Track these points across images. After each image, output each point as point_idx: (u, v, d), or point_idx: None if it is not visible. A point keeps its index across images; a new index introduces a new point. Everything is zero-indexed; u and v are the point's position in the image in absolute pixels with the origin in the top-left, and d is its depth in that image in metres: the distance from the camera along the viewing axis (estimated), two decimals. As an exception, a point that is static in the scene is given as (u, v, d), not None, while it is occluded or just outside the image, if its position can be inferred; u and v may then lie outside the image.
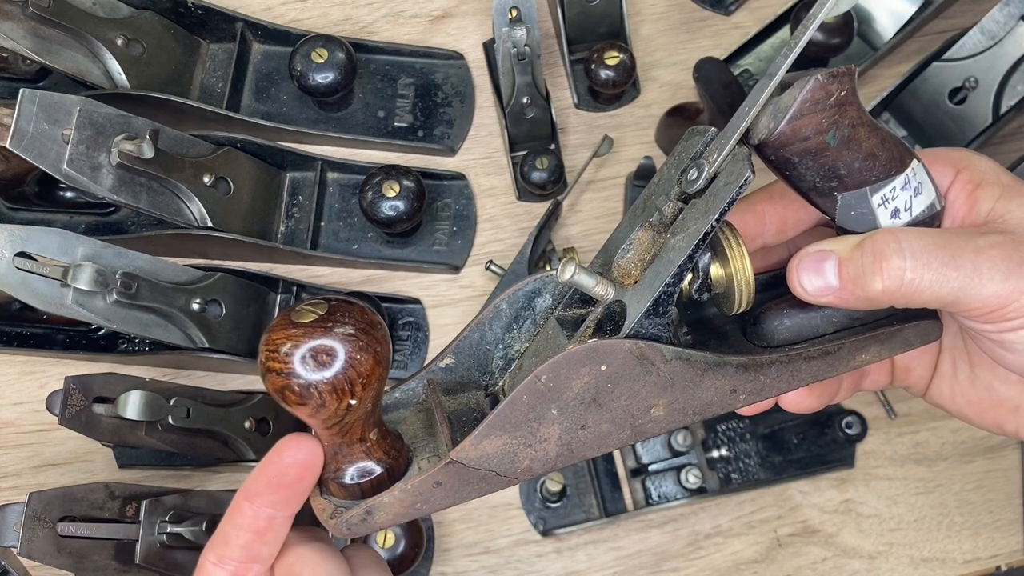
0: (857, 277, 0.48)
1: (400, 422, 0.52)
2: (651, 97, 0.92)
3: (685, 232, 0.47)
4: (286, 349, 0.40)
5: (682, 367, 0.49)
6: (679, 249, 0.47)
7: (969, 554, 0.83)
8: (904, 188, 0.49)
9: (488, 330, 0.53)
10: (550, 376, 0.47)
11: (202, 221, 0.79)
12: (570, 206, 0.89)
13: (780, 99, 0.46)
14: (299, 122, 0.89)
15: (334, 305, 0.42)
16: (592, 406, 0.49)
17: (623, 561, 0.82)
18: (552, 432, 0.49)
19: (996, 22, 0.81)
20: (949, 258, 0.46)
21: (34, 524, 0.65)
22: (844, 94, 0.45)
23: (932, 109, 0.84)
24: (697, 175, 0.47)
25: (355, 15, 0.95)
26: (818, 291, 0.49)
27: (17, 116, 0.69)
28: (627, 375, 0.48)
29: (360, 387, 0.42)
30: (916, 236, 0.47)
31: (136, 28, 0.84)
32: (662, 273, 0.47)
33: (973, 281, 0.46)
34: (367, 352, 0.41)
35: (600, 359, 0.47)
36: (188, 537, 0.68)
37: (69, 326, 0.84)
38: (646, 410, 0.50)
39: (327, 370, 0.41)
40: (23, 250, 0.69)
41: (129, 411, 0.68)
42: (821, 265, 0.49)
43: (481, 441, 0.47)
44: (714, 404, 0.51)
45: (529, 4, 0.80)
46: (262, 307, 0.84)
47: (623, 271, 0.49)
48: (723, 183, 0.46)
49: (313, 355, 0.40)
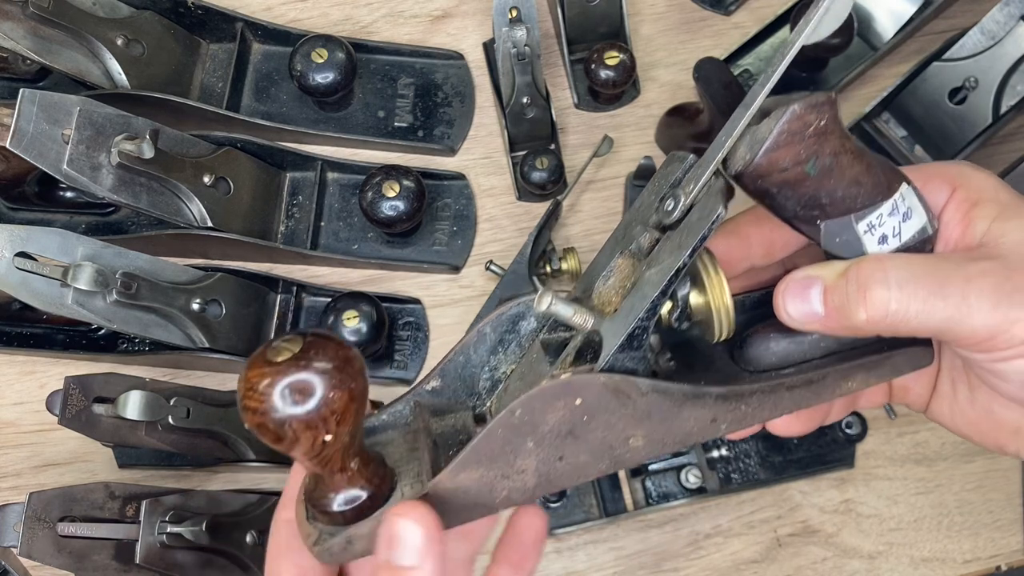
0: (842, 306, 0.47)
1: (387, 444, 0.52)
2: (651, 97, 0.92)
3: (659, 266, 0.46)
4: (262, 387, 0.40)
5: (659, 399, 0.48)
6: (652, 284, 0.46)
7: (969, 554, 0.83)
8: (892, 214, 0.48)
9: (473, 353, 0.52)
10: (524, 410, 0.46)
11: (202, 221, 0.79)
12: (570, 206, 0.89)
13: (757, 129, 0.45)
14: (299, 122, 0.89)
15: (309, 341, 0.42)
16: (569, 438, 0.48)
17: (623, 561, 0.82)
18: (529, 464, 0.48)
19: (996, 22, 0.81)
20: (937, 287, 0.45)
21: (34, 524, 0.66)
22: (823, 123, 0.44)
23: (932, 109, 0.84)
24: (673, 206, 0.47)
25: (355, 15, 0.95)
26: (804, 318, 0.48)
27: (17, 116, 0.69)
28: (603, 408, 0.47)
29: (335, 423, 0.42)
30: (903, 264, 0.46)
31: (136, 28, 0.84)
32: (636, 307, 0.46)
33: (961, 311, 0.45)
34: (342, 389, 0.42)
35: (574, 393, 0.46)
36: (188, 537, 0.68)
37: (69, 326, 0.84)
38: (624, 441, 0.49)
39: (301, 407, 0.41)
40: (23, 250, 0.69)
41: (129, 411, 0.68)
42: (807, 292, 0.48)
43: (458, 474, 0.47)
44: (695, 433, 0.51)
45: (529, 4, 0.80)
46: (262, 307, 0.84)
47: (603, 299, 0.49)
48: (697, 217, 0.45)
49: (288, 393, 0.41)
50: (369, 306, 0.79)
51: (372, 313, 0.79)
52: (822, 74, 0.91)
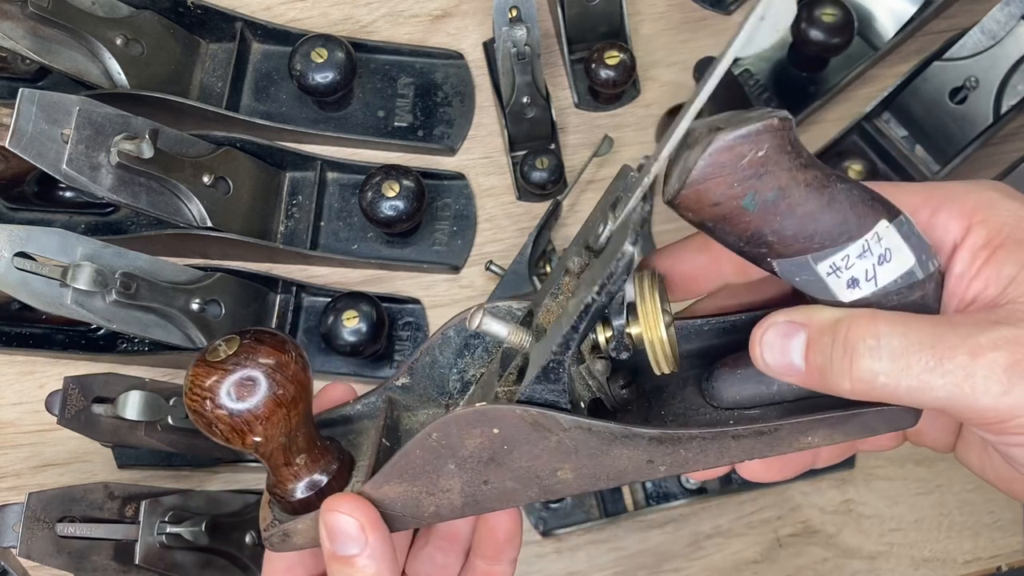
0: (824, 368, 0.40)
1: (361, 433, 0.53)
2: (651, 97, 0.92)
3: (578, 299, 0.43)
4: (195, 385, 0.42)
5: (585, 436, 0.45)
6: (568, 316, 0.42)
7: (970, 554, 0.83)
8: (862, 256, 0.40)
9: (439, 355, 0.52)
10: (441, 434, 0.45)
11: (201, 221, 0.79)
12: (570, 206, 0.89)
13: (689, 154, 0.40)
14: (299, 122, 0.89)
15: (245, 343, 0.43)
16: (491, 464, 0.47)
17: (623, 561, 0.82)
18: (454, 484, 0.48)
19: (997, 22, 0.81)
20: (936, 362, 0.38)
21: (33, 524, 0.65)
22: (762, 154, 0.38)
23: (932, 109, 0.84)
24: (602, 229, 0.42)
25: (355, 15, 0.95)
26: (781, 370, 0.42)
27: (16, 116, 0.69)
28: (523, 440, 0.45)
29: (261, 426, 0.43)
30: (899, 332, 0.39)
31: (135, 28, 0.84)
32: (552, 339, 0.43)
33: (964, 391, 0.38)
34: (269, 393, 0.43)
35: (491, 423, 0.45)
36: (187, 537, 0.68)
37: (68, 326, 0.84)
38: (552, 472, 0.47)
39: (224, 411, 0.42)
40: (22, 250, 0.69)
41: (128, 411, 0.68)
42: (787, 342, 0.41)
43: (381, 486, 0.47)
44: (630, 472, 0.47)
45: (529, 4, 0.80)
46: (262, 307, 0.84)
47: (544, 316, 0.47)
48: (611, 251, 0.41)
49: (214, 395, 0.42)
50: (369, 306, 0.79)
51: (372, 313, 0.79)
52: (822, 74, 0.91)
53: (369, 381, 0.85)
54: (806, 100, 0.90)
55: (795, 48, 0.89)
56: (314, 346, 0.85)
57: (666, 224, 0.89)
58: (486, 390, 0.49)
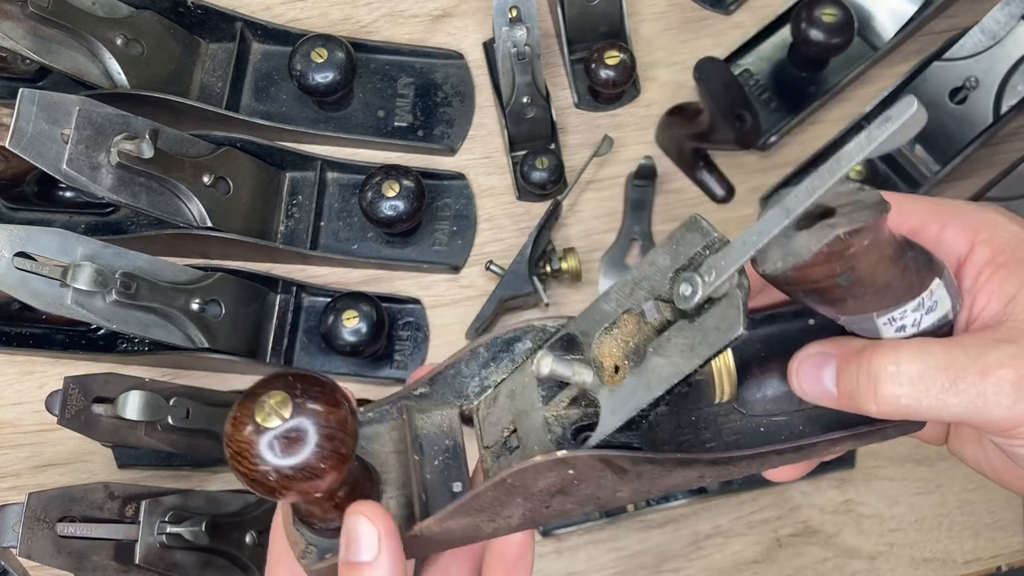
0: (852, 393, 0.45)
1: (373, 439, 0.52)
2: (651, 97, 0.92)
3: (668, 360, 0.43)
4: (256, 457, 0.40)
5: (650, 467, 0.48)
6: (659, 380, 0.43)
7: (970, 554, 0.83)
8: (916, 310, 0.45)
9: (464, 368, 0.52)
10: (516, 479, 0.46)
11: (202, 221, 0.79)
12: (570, 206, 0.89)
13: (795, 236, 0.41)
14: (299, 122, 0.89)
15: (297, 403, 0.40)
16: (559, 495, 0.48)
17: (623, 561, 0.82)
18: (516, 511, 0.49)
19: (997, 22, 0.81)
20: (950, 383, 0.42)
21: (33, 524, 0.65)
22: (867, 243, 0.40)
23: (932, 109, 0.84)
24: (690, 292, 0.43)
25: (355, 15, 0.95)
26: (817, 396, 0.47)
27: (16, 116, 0.69)
28: (595, 475, 0.47)
29: (324, 483, 0.41)
30: (916, 357, 0.43)
31: (135, 28, 0.84)
32: (639, 397, 0.44)
33: (977, 406, 0.42)
34: (333, 458, 0.40)
35: (568, 466, 0.46)
36: (187, 537, 0.68)
37: (68, 326, 0.84)
38: (612, 494, 0.50)
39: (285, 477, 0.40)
40: (22, 250, 0.69)
41: (128, 411, 0.68)
42: (820, 372, 0.46)
43: (446, 521, 0.47)
44: (679, 486, 0.50)
45: (529, 4, 0.80)
46: (262, 307, 0.84)
47: (603, 350, 0.47)
48: (714, 325, 0.42)
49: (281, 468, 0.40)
50: (369, 306, 0.79)
51: (372, 313, 0.79)
52: (822, 74, 0.91)
53: (369, 381, 0.85)
54: (806, 100, 0.90)
55: (795, 48, 0.89)
56: (314, 346, 0.85)
57: (666, 224, 0.89)
58: (519, 404, 0.49)
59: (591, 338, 0.48)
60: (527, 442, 0.48)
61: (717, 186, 0.89)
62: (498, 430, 0.50)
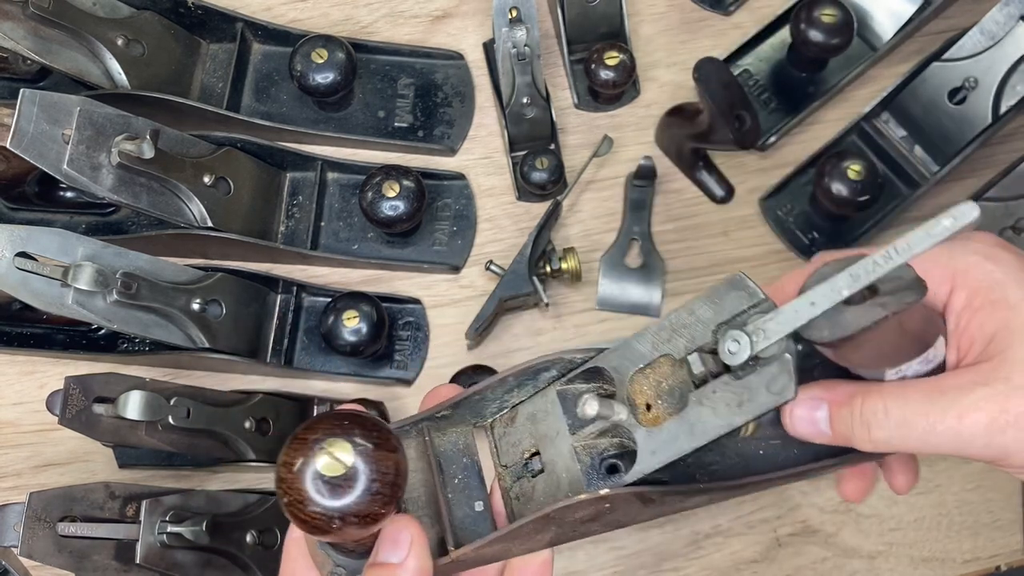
0: (846, 434, 0.49)
1: None
2: (651, 97, 0.93)
3: (714, 412, 0.45)
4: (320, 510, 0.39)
5: (674, 496, 0.51)
6: (705, 429, 0.46)
7: (969, 554, 0.83)
8: (921, 362, 0.49)
9: (490, 393, 0.54)
10: (557, 513, 0.48)
11: (202, 221, 0.79)
12: (570, 206, 0.90)
13: (844, 312, 0.43)
14: (299, 122, 0.89)
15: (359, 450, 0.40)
16: (589, 522, 0.52)
17: (623, 561, 0.82)
18: (547, 536, 0.52)
19: (996, 22, 0.81)
20: (931, 425, 0.46)
21: (34, 524, 0.66)
22: (903, 316, 0.43)
23: (931, 109, 0.84)
24: (738, 349, 0.44)
25: (355, 15, 0.95)
26: (812, 437, 0.50)
27: (17, 116, 0.69)
28: (626, 506, 0.50)
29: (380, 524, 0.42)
30: (901, 402, 0.47)
31: (136, 28, 0.84)
32: (681, 442, 0.46)
33: (956, 445, 0.47)
34: (389, 502, 0.41)
35: (605, 501, 0.48)
36: (188, 537, 0.68)
37: (69, 326, 0.84)
38: (633, 518, 0.54)
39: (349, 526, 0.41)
40: (23, 250, 0.69)
41: (129, 411, 0.68)
42: (814, 415, 0.49)
43: (482, 548, 0.49)
44: (693, 507, 0.56)
45: (529, 4, 0.80)
46: (262, 307, 0.84)
47: (636, 388, 0.49)
48: (764, 385, 0.44)
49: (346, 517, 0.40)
50: (369, 306, 0.79)
51: (372, 313, 0.79)
52: (822, 74, 0.91)
53: (369, 381, 0.85)
54: (805, 100, 0.91)
55: (794, 49, 0.89)
56: (314, 346, 0.85)
57: (666, 224, 0.89)
58: (541, 429, 0.52)
59: (623, 375, 0.49)
60: (554, 469, 0.50)
61: (717, 186, 0.89)
62: (518, 451, 0.52)
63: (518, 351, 0.86)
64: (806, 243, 0.88)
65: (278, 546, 0.75)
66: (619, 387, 0.49)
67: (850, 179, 0.80)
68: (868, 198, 0.81)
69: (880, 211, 0.86)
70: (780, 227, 0.89)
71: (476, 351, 0.86)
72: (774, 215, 0.89)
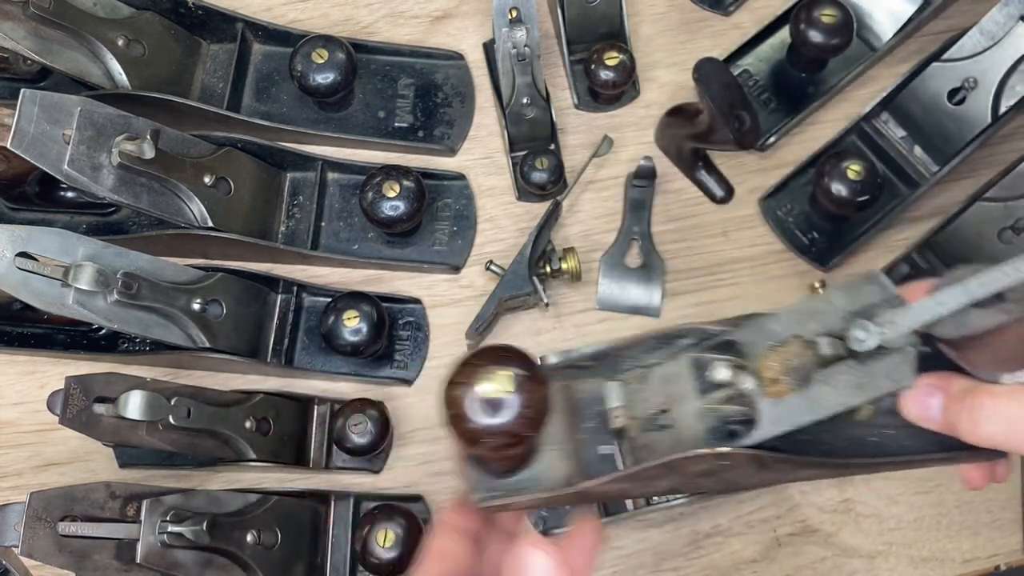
0: (955, 426, 0.51)
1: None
2: (651, 97, 0.93)
3: (836, 391, 0.50)
4: (472, 425, 0.47)
5: (785, 465, 0.54)
6: (825, 405, 0.50)
7: (968, 554, 0.83)
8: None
9: (629, 351, 0.57)
10: (680, 463, 0.52)
11: (203, 221, 0.79)
12: (570, 206, 0.90)
13: (969, 313, 0.47)
14: (299, 122, 0.89)
15: (517, 381, 0.47)
16: (704, 476, 0.55)
17: (623, 560, 0.83)
18: (664, 483, 0.56)
19: (995, 23, 0.81)
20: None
21: (35, 524, 0.66)
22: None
23: (931, 109, 0.84)
24: (865, 337, 0.48)
25: (355, 15, 0.95)
26: (922, 420, 0.52)
27: (18, 116, 0.69)
28: (741, 467, 0.54)
29: (521, 445, 0.48)
30: (1014, 403, 0.49)
31: (137, 28, 0.84)
32: (801, 414, 0.50)
33: None
34: (532, 426, 0.47)
35: (725, 459, 0.52)
36: (189, 537, 0.69)
37: (70, 326, 0.84)
38: (746, 479, 0.58)
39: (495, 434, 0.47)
40: (24, 250, 0.69)
41: (130, 411, 0.68)
42: (928, 400, 0.52)
43: (606, 484, 0.53)
44: (797, 479, 0.61)
45: (529, 4, 0.81)
46: (263, 307, 0.84)
47: (763, 364, 0.51)
48: (885, 372, 0.49)
49: (491, 436, 0.47)
50: (369, 306, 0.80)
51: (372, 313, 0.79)
52: (821, 75, 0.91)
53: (369, 381, 0.85)
54: (805, 101, 0.91)
55: (794, 49, 0.90)
56: (315, 346, 0.85)
57: (666, 224, 0.89)
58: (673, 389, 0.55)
59: (755, 349, 0.53)
60: (679, 426, 0.54)
61: (716, 187, 0.89)
62: (648, 407, 0.56)
63: (518, 351, 0.86)
64: (806, 243, 0.88)
65: (278, 546, 0.75)
66: (750, 360, 0.52)
67: (850, 179, 0.80)
68: (868, 198, 0.81)
69: (880, 211, 0.87)
70: (780, 227, 0.89)
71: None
72: (774, 215, 0.89)
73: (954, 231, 0.83)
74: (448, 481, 0.84)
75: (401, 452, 0.84)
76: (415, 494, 0.82)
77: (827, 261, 0.87)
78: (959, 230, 0.83)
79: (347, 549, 0.80)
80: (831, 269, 0.87)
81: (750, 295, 0.87)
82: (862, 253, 0.89)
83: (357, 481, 0.84)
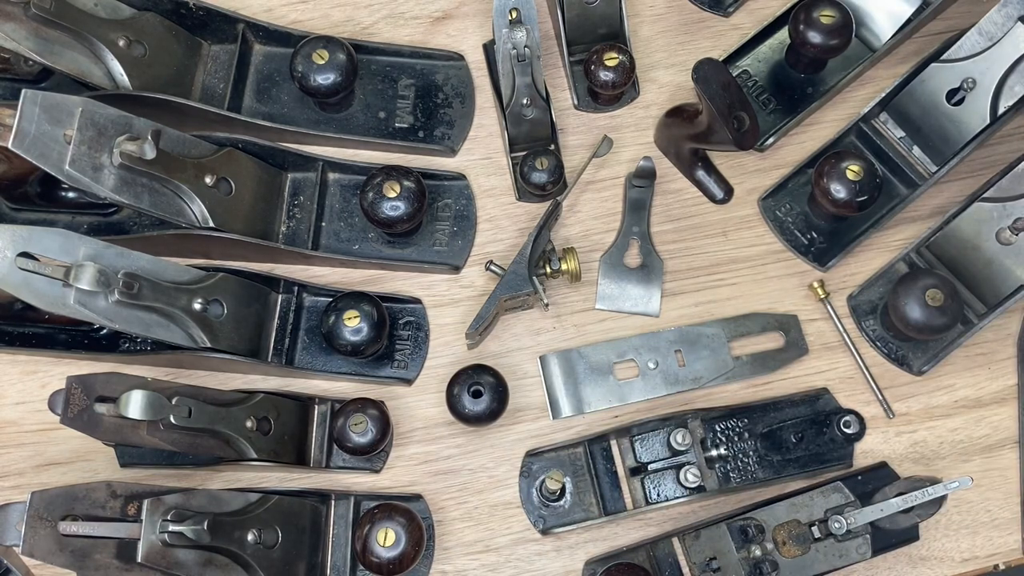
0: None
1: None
2: (650, 98, 0.93)
3: (824, 556, 0.79)
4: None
5: None
6: (814, 568, 0.78)
7: (967, 553, 0.83)
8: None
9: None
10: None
11: (204, 221, 0.80)
12: (570, 206, 0.90)
13: (898, 517, 0.77)
14: (300, 123, 0.90)
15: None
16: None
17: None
18: None
19: (994, 23, 0.81)
20: None
21: (36, 523, 0.66)
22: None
23: (930, 110, 0.85)
24: (840, 527, 0.77)
25: (356, 16, 0.95)
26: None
27: (19, 117, 0.69)
28: None
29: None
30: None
31: (138, 29, 0.84)
32: (803, 572, 0.78)
33: None
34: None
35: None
36: (190, 536, 0.69)
37: (71, 326, 0.84)
38: None
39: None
40: (25, 250, 0.69)
41: (131, 410, 0.68)
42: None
43: None
44: None
45: (529, 6, 0.81)
46: (263, 307, 0.84)
47: (778, 535, 0.78)
48: (854, 548, 0.79)
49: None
50: (370, 306, 0.80)
51: (373, 313, 0.80)
52: (820, 75, 0.91)
53: (370, 380, 0.85)
54: (804, 101, 0.91)
55: (793, 50, 0.90)
56: (315, 346, 0.85)
57: (665, 224, 0.89)
58: (726, 554, 0.79)
59: (770, 525, 0.78)
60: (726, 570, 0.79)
61: (716, 187, 0.89)
62: (702, 558, 0.80)
63: (518, 351, 0.86)
64: (805, 243, 0.88)
65: (279, 545, 0.75)
66: (768, 532, 0.78)
67: (849, 179, 0.81)
68: (867, 198, 0.81)
69: (879, 211, 0.87)
70: (779, 227, 0.89)
71: (476, 351, 0.87)
72: (773, 215, 0.89)
73: (952, 231, 0.84)
74: (448, 480, 0.84)
75: (401, 452, 0.84)
76: (415, 493, 0.83)
77: (826, 261, 0.87)
78: (957, 230, 0.83)
79: (347, 548, 0.80)
80: (830, 269, 0.88)
81: (749, 295, 0.88)
82: (861, 253, 0.89)
83: (357, 480, 0.84)
